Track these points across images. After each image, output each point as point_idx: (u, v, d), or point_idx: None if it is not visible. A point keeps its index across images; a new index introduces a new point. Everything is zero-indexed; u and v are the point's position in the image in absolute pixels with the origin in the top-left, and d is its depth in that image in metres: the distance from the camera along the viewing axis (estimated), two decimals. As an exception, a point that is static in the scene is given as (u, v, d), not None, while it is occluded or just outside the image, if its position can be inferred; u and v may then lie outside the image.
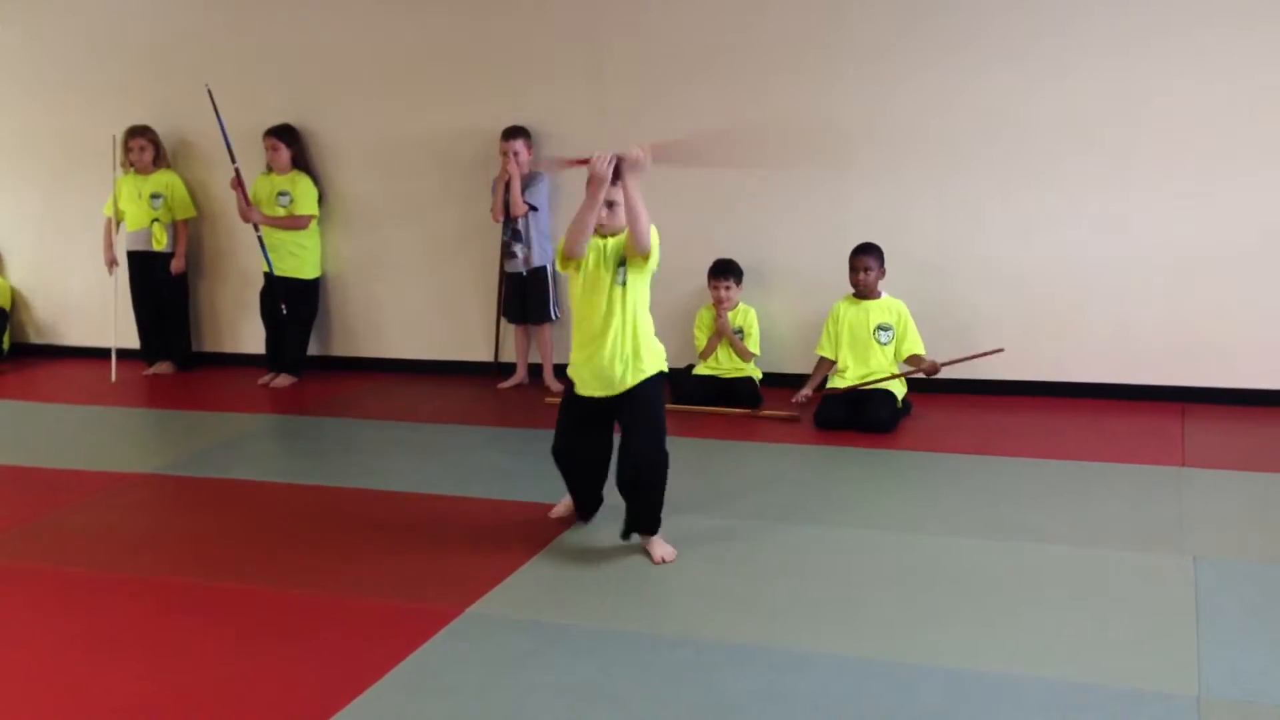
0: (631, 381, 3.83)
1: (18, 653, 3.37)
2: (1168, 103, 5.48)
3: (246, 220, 6.66)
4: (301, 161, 6.79)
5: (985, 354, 5.52)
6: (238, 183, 6.60)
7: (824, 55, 5.92)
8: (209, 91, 6.46)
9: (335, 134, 6.84)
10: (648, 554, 3.85)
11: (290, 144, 6.71)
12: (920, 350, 5.55)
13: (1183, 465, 4.74)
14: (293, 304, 6.76)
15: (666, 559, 3.81)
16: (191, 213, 7.06)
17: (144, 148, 6.90)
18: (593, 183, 3.62)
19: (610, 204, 3.72)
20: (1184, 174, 5.51)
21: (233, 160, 6.58)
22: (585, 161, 3.65)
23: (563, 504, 4.24)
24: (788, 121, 6.00)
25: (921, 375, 5.51)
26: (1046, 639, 3.24)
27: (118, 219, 7.01)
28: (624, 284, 3.78)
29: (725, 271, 5.93)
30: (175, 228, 7.02)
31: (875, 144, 5.91)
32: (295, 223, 6.70)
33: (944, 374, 5.61)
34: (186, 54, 7.02)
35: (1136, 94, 5.51)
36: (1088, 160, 5.63)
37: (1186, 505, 4.28)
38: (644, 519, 3.89)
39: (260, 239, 6.65)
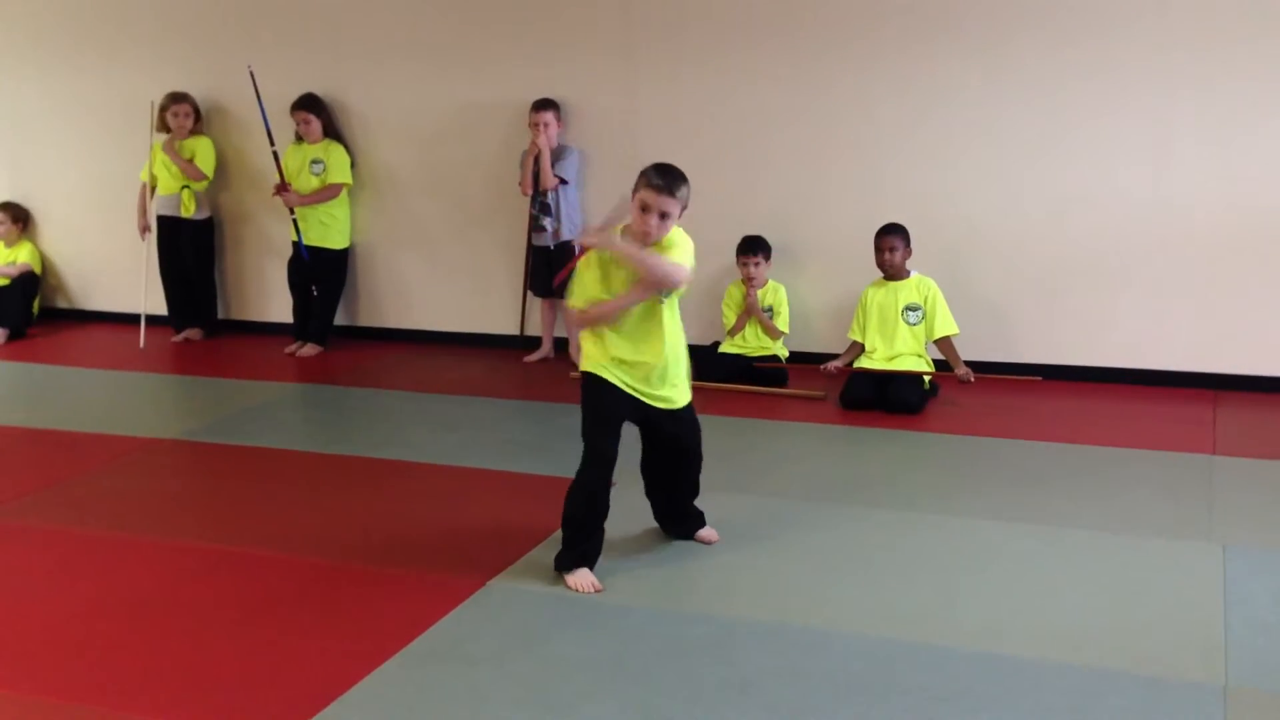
0: None
1: (42, 614, 3.40)
2: (1206, 84, 5.38)
3: (284, 202, 6.66)
4: (332, 130, 6.79)
5: (1024, 378, 5.50)
6: (277, 166, 6.62)
7: (858, 32, 5.84)
8: (251, 74, 6.48)
9: (365, 105, 6.83)
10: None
11: (319, 114, 6.71)
12: (952, 330, 5.50)
13: (1214, 453, 4.69)
14: (321, 273, 6.77)
15: (579, 588, 3.45)
16: (207, 175, 7.00)
17: (187, 114, 6.92)
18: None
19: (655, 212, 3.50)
20: (1222, 158, 5.42)
21: (271, 144, 6.59)
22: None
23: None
24: (817, 97, 5.95)
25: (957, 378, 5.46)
26: (1072, 624, 3.22)
27: (152, 185, 7.04)
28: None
29: (753, 248, 5.88)
30: (203, 195, 7.03)
31: (907, 121, 5.84)
32: (330, 193, 6.70)
33: (972, 356, 5.57)
34: (220, 22, 7.01)
35: (1176, 75, 5.42)
36: (1123, 142, 5.54)
37: (1217, 493, 4.23)
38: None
39: (295, 220, 6.67)
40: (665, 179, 3.44)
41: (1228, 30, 5.32)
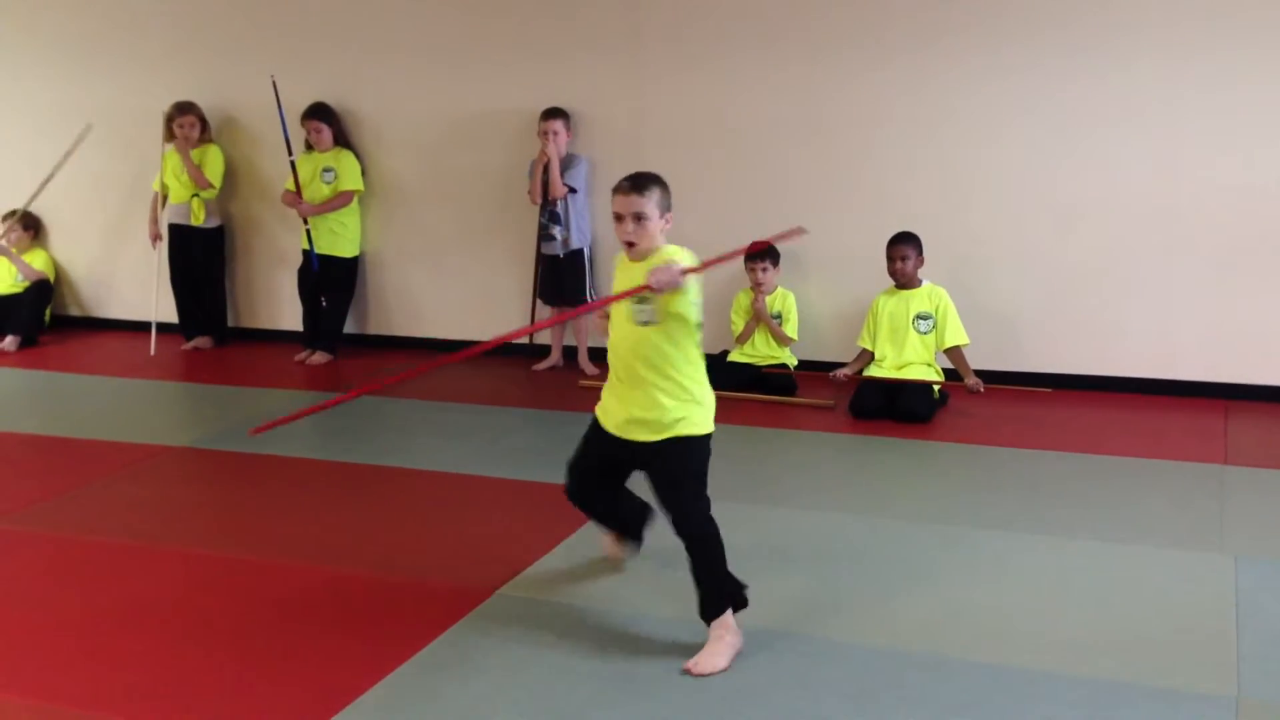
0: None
1: (51, 622, 3.40)
2: (1216, 91, 5.37)
3: (298, 212, 6.68)
4: (342, 138, 6.80)
5: (1034, 388, 5.47)
6: (293, 175, 6.64)
7: (867, 40, 5.84)
8: (274, 84, 6.51)
9: (374, 113, 6.84)
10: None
11: (330, 123, 6.73)
12: (963, 340, 5.48)
13: (1225, 463, 4.67)
14: (331, 282, 6.79)
15: (702, 668, 3.03)
16: (215, 184, 7.00)
17: (192, 124, 6.94)
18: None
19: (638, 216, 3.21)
20: (1231, 165, 5.41)
21: (290, 153, 6.62)
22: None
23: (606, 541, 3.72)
24: (827, 104, 5.95)
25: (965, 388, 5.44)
26: (1083, 635, 3.20)
27: (164, 194, 7.06)
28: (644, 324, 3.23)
29: (762, 253, 5.87)
30: (214, 204, 7.04)
31: (916, 130, 5.83)
32: (342, 200, 6.71)
33: (982, 366, 5.56)
34: (230, 31, 7.04)
35: (1185, 82, 5.41)
36: (1131, 151, 5.53)
37: (1228, 503, 4.21)
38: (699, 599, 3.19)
39: (308, 230, 6.70)
40: (629, 178, 3.24)
41: (1237, 36, 5.30)
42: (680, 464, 3.23)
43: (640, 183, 3.23)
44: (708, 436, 3.28)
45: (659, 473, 3.25)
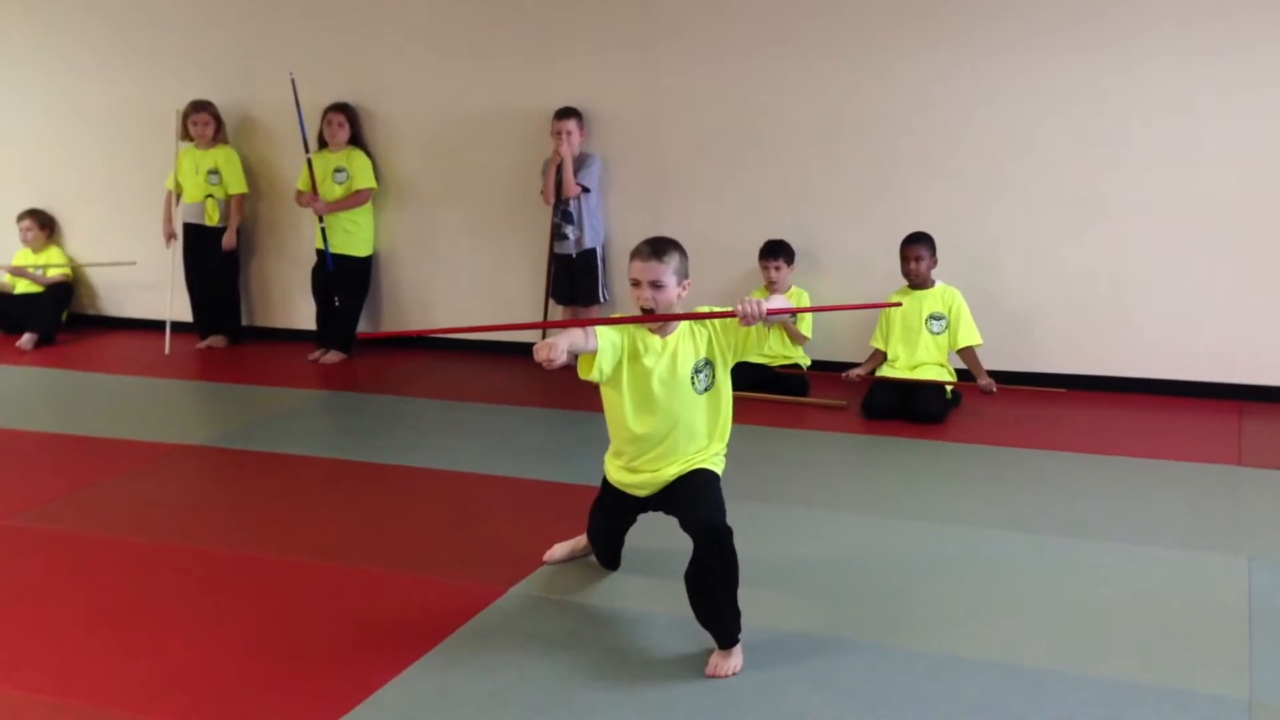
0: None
1: (65, 618, 3.43)
2: (1232, 91, 5.35)
3: (313, 210, 6.70)
4: (356, 138, 6.82)
5: (1047, 389, 5.48)
6: (310, 173, 6.66)
7: (882, 41, 5.83)
8: (292, 81, 6.53)
9: (387, 113, 6.86)
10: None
11: (351, 119, 6.76)
12: (975, 340, 5.48)
13: (1239, 464, 4.65)
14: (344, 281, 6.81)
15: (725, 670, 3.03)
16: (243, 188, 7.08)
17: (206, 123, 6.96)
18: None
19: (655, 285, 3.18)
20: (1247, 165, 5.39)
21: (306, 150, 6.64)
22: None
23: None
24: (841, 104, 5.94)
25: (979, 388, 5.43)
26: (1095, 636, 3.20)
27: (177, 192, 7.09)
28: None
29: (776, 252, 5.87)
30: (228, 203, 7.07)
31: (928, 130, 5.83)
32: (358, 199, 6.74)
33: (995, 366, 5.55)
34: (245, 30, 7.06)
35: (1201, 81, 5.39)
36: (1147, 150, 5.52)
37: (1242, 505, 4.20)
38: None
39: (323, 229, 6.72)
40: (647, 244, 3.21)
41: (1253, 37, 5.29)
42: (703, 478, 3.28)
43: (659, 249, 3.19)
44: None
45: (683, 483, 3.28)
